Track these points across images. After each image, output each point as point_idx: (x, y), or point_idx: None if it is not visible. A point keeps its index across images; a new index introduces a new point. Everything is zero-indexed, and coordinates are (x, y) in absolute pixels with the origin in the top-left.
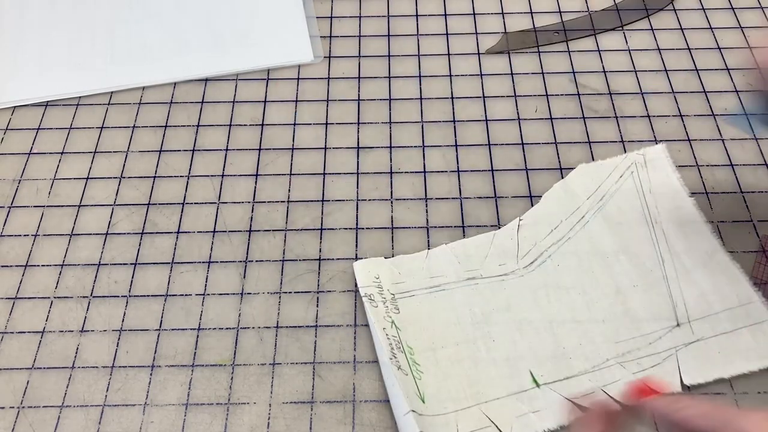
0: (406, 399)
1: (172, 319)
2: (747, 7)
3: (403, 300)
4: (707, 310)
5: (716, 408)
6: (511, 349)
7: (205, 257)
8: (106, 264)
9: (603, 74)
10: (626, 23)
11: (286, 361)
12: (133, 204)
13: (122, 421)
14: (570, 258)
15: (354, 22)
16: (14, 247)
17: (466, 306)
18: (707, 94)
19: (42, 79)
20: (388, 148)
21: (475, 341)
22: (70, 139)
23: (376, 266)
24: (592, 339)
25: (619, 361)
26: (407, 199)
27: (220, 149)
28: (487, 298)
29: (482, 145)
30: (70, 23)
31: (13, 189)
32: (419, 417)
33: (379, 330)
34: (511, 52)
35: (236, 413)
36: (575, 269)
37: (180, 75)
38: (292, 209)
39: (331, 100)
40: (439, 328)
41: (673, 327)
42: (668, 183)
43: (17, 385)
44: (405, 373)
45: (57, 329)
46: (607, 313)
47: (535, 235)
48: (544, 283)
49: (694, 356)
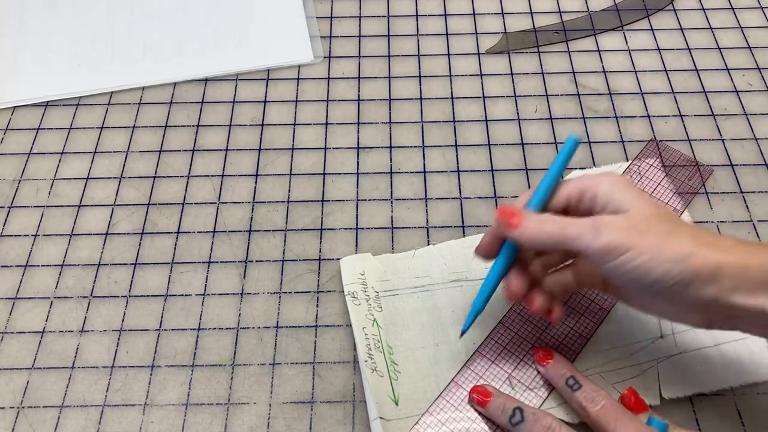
0: (375, 405)
1: (172, 319)
2: (747, 7)
3: (387, 298)
4: None
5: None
6: (491, 352)
7: (205, 257)
8: (106, 264)
9: (603, 74)
10: (626, 23)
11: (286, 361)
12: (133, 204)
13: (122, 421)
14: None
15: (354, 22)
16: (14, 247)
17: (449, 307)
18: (707, 94)
19: (42, 79)
20: (388, 148)
21: (456, 343)
22: (70, 139)
23: (363, 262)
24: (573, 348)
25: (599, 371)
26: (407, 199)
27: (220, 149)
28: (471, 300)
29: (482, 145)
30: (70, 23)
31: (13, 189)
32: (386, 423)
33: (358, 330)
34: (511, 52)
35: (236, 413)
36: None
37: (180, 75)
38: (292, 209)
39: (331, 100)
40: (421, 328)
41: (656, 339)
42: (658, 190)
43: (17, 385)
44: (381, 374)
45: (57, 329)
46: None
47: None
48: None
49: (675, 369)
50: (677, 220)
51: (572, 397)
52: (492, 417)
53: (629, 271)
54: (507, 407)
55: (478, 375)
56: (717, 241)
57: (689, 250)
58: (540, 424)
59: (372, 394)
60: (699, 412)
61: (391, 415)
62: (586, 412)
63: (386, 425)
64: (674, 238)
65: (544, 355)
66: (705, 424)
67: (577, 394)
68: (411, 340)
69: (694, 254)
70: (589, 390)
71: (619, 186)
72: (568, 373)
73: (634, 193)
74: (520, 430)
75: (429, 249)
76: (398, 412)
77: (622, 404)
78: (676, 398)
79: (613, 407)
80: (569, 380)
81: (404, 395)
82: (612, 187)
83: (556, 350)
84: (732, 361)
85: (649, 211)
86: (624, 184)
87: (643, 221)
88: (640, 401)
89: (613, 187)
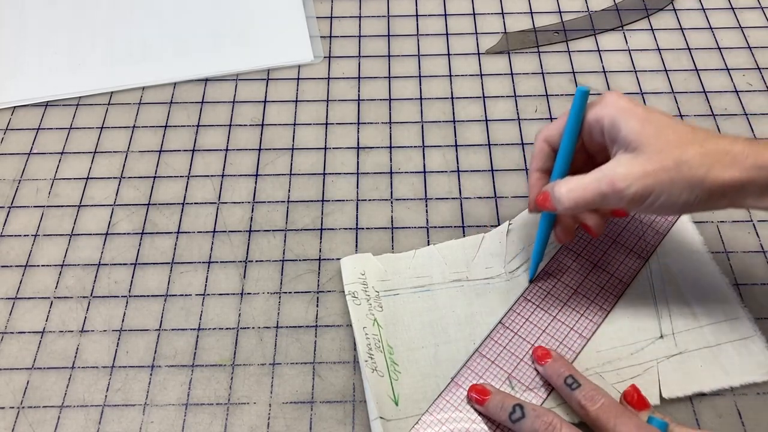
0: (375, 405)
1: (172, 319)
2: (747, 7)
3: (387, 298)
4: (692, 323)
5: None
6: (491, 352)
7: (205, 257)
8: (106, 264)
9: (603, 74)
10: (626, 23)
11: (286, 361)
12: (133, 204)
13: (122, 421)
14: (555, 265)
15: (354, 22)
16: (14, 247)
17: (450, 307)
18: (707, 94)
19: (42, 79)
20: (388, 148)
21: (456, 342)
22: (70, 139)
23: (363, 262)
24: (572, 348)
25: (598, 372)
26: (407, 199)
27: (220, 149)
28: (471, 300)
29: (482, 145)
30: (70, 23)
31: (13, 189)
32: (386, 423)
33: (358, 330)
34: (511, 52)
35: (236, 413)
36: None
37: (180, 75)
38: (292, 209)
39: (331, 100)
40: (421, 328)
41: (656, 339)
42: None
43: (17, 385)
44: (381, 374)
45: (57, 329)
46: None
47: (523, 240)
48: (529, 289)
49: (675, 369)
50: (685, 136)
51: (571, 396)
52: (491, 415)
53: (655, 209)
54: (506, 404)
55: (478, 375)
56: (725, 153)
57: (701, 175)
58: (541, 420)
59: (372, 394)
60: (699, 412)
61: (391, 415)
62: (585, 411)
63: (386, 425)
64: (685, 165)
65: (542, 354)
66: (705, 424)
67: (576, 393)
68: (411, 340)
69: (706, 178)
70: (587, 389)
71: (623, 116)
72: (566, 372)
73: (638, 121)
74: (521, 426)
75: (429, 249)
76: (398, 412)
77: (623, 402)
78: (676, 398)
79: (612, 406)
80: (568, 379)
81: (404, 395)
82: (615, 120)
83: (556, 350)
84: (732, 361)
85: (656, 142)
86: (626, 110)
87: (654, 157)
88: (643, 398)
89: (617, 120)
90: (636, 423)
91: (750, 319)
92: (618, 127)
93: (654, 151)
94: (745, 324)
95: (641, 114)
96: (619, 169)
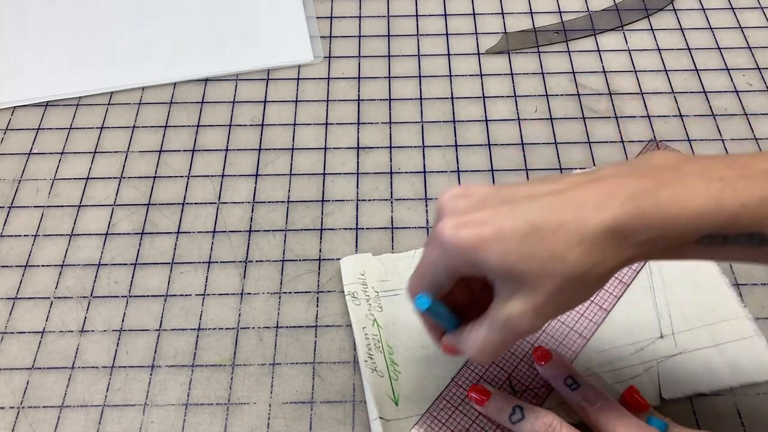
0: (375, 405)
1: (172, 319)
2: (747, 7)
3: (387, 298)
4: (692, 323)
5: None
6: None
7: (205, 257)
8: (106, 264)
9: (603, 74)
10: (626, 23)
11: (286, 361)
12: (133, 204)
13: (122, 422)
14: None
15: (354, 22)
16: (14, 247)
17: None
18: (707, 94)
19: (42, 79)
20: (388, 148)
21: None
22: (70, 139)
23: (363, 262)
24: (572, 348)
25: (598, 372)
26: (407, 199)
27: (220, 149)
28: None
29: (482, 145)
30: (70, 23)
31: (13, 189)
32: (386, 423)
33: (358, 330)
34: (511, 52)
35: (236, 413)
36: None
37: (180, 75)
38: (292, 209)
39: (331, 100)
40: (421, 328)
41: (656, 339)
42: None
43: (17, 385)
44: (381, 374)
45: (57, 329)
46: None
47: None
48: None
49: (674, 369)
50: (541, 241)
51: (571, 396)
52: (491, 416)
53: (571, 308)
54: (506, 405)
55: (478, 375)
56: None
57: (585, 271)
58: (541, 421)
59: (372, 394)
60: (699, 412)
61: (391, 415)
62: (585, 411)
63: (386, 425)
64: (570, 276)
65: (542, 354)
66: (705, 424)
67: (576, 393)
68: (411, 340)
69: (590, 272)
70: (587, 389)
71: (474, 255)
72: (566, 372)
73: (495, 254)
74: (520, 428)
75: None
76: (398, 412)
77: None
78: (676, 398)
79: (612, 406)
80: (567, 380)
81: (404, 395)
82: (470, 262)
83: (556, 350)
84: (732, 361)
85: (528, 266)
86: (471, 247)
87: (537, 285)
88: (642, 399)
89: (472, 262)
90: (636, 423)
91: (750, 319)
92: (480, 269)
93: (533, 278)
94: (745, 324)
95: (488, 238)
96: (513, 312)
